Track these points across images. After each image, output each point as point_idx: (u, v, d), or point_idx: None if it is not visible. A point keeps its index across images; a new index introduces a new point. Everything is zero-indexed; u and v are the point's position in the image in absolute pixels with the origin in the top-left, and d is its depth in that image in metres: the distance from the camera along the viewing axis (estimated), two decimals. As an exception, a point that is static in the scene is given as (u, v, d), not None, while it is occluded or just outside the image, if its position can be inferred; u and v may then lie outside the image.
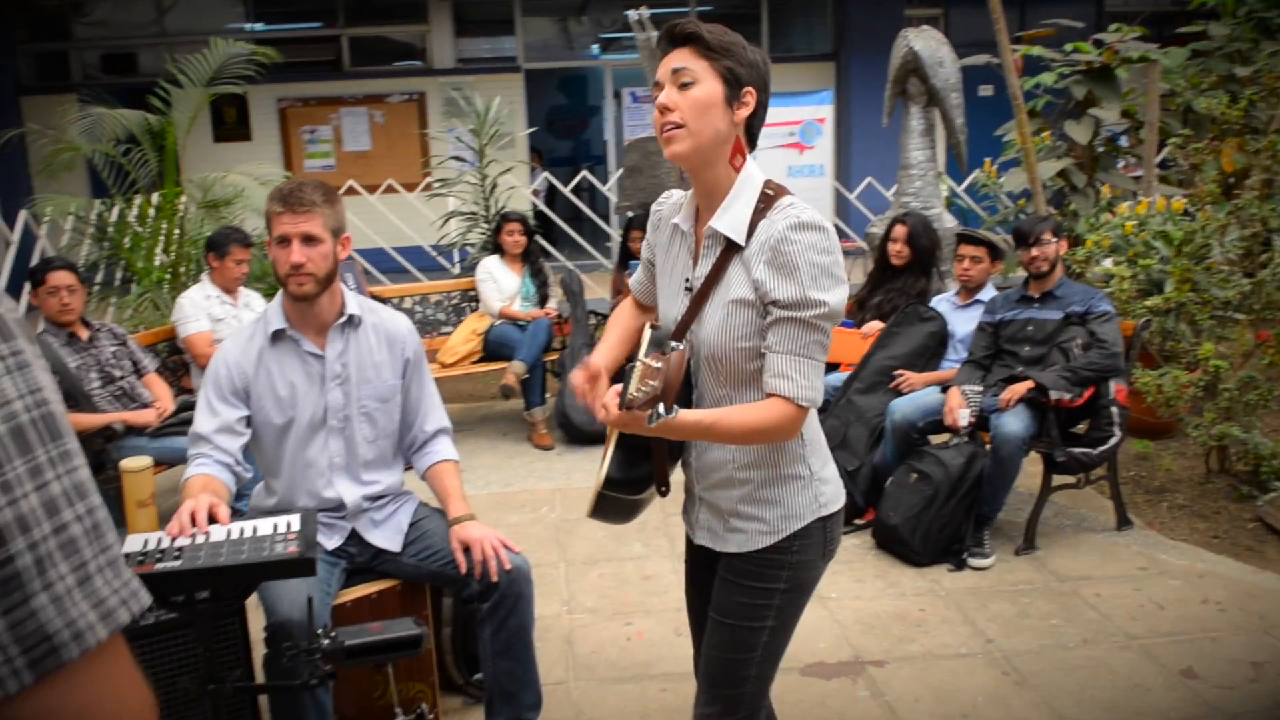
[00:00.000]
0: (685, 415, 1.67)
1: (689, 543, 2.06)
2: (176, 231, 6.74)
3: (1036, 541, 4.07)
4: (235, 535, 2.00)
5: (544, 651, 2.88)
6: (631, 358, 1.78)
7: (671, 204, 1.95)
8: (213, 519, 2.11)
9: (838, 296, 1.70)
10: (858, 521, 4.34)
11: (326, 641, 1.93)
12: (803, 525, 1.84)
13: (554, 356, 6.02)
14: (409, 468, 2.81)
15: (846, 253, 9.39)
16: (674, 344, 1.69)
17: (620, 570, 4.02)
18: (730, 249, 1.76)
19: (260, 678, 2.42)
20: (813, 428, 1.89)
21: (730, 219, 1.75)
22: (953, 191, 8.69)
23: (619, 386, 1.62)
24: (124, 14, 12.35)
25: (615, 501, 1.83)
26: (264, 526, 2.03)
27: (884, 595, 3.72)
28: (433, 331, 6.19)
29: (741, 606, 1.87)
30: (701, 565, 2.03)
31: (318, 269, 2.41)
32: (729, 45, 1.73)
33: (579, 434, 5.61)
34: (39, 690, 0.61)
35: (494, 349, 5.84)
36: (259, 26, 12.66)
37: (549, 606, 3.68)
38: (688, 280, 1.84)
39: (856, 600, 3.68)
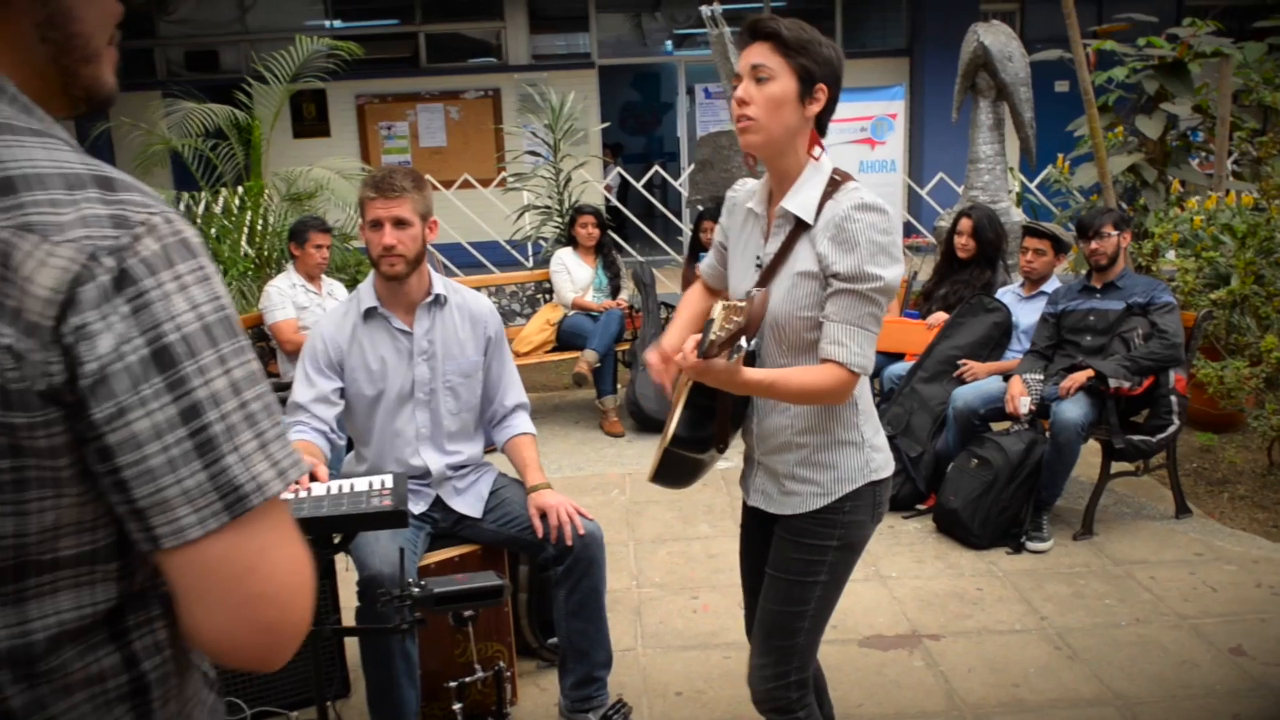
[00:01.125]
0: (750, 371, 1.82)
1: (745, 507, 2.22)
2: (261, 223, 7.06)
3: (1095, 527, 4.15)
4: (335, 491, 2.21)
5: (614, 621, 3.06)
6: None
7: (745, 190, 2.12)
8: (313, 478, 2.32)
9: (893, 273, 1.85)
10: (919, 507, 4.45)
11: (417, 590, 2.12)
12: (854, 488, 1.99)
13: (625, 347, 6.19)
14: (490, 449, 3.00)
15: (918, 248, 9.46)
16: (756, 289, 1.85)
17: (687, 549, 4.19)
18: (799, 227, 1.93)
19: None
20: (865, 398, 2.04)
21: (801, 200, 1.92)
22: (1024, 186, 8.66)
23: (698, 336, 1.78)
24: (207, 12, 12.80)
25: (680, 460, 1.98)
26: (360, 484, 2.23)
27: (943, 575, 3.83)
28: (508, 322, 6.40)
29: (796, 563, 2.03)
30: (755, 528, 2.20)
31: (408, 250, 2.62)
32: (805, 43, 1.87)
33: (649, 422, 5.78)
34: (232, 529, 0.79)
35: (567, 339, 6.04)
36: (338, 24, 13.05)
37: (619, 581, 3.85)
38: (758, 257, 2.00)
39: (916, 579, 3.80)
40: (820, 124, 1.94)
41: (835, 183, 1.92)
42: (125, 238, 0.75)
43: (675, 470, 2.01)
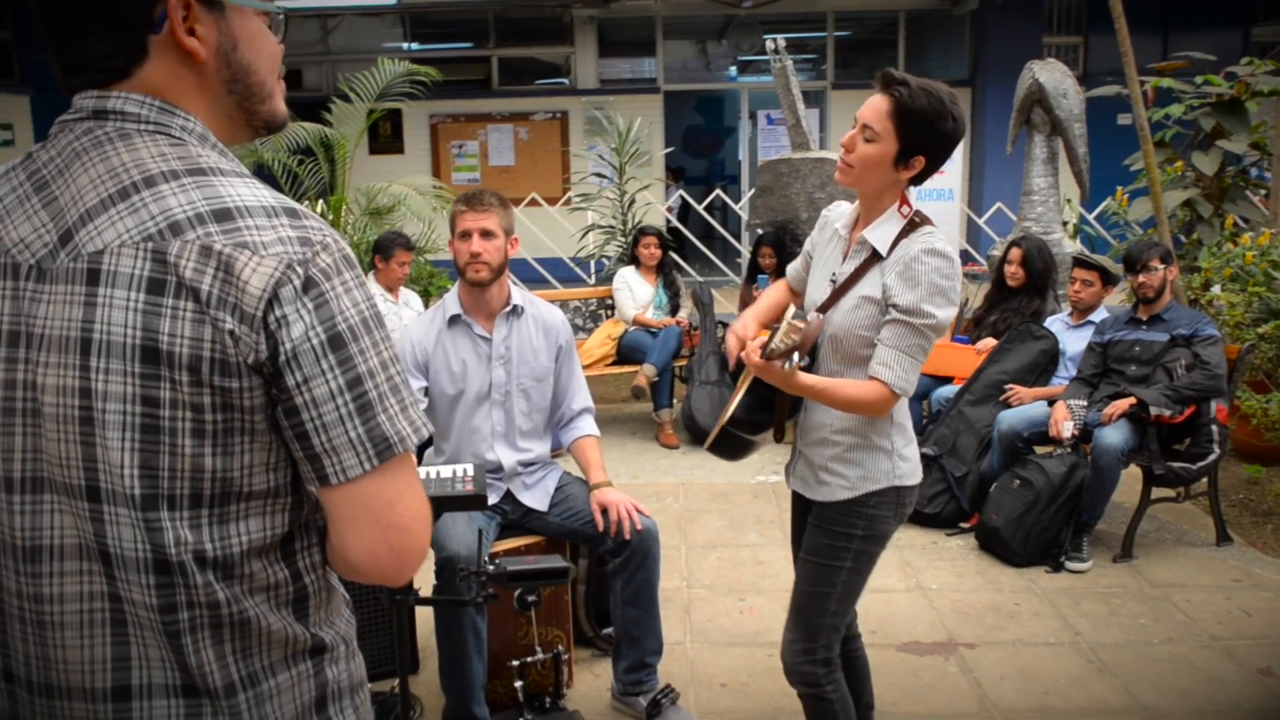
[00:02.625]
0: (804, 376, 2.08)
1: (792, 495, 2.46)
2: (342, 236, 7.40)
3: (1135, 551, 4.27)
4: (423, 476, 2.46)
5: (664, 618, 3.26)
6: (776, 323, 2.20)
7: (838, 212, 2.37)
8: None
9: (946, 314, 2.10)
10: (963, 525, 4.60)
11: (491, 567, 2.36)
12: (879, 488, 2.22)
13: (682, 363, 6.41)
14: (556, 453, 3.24)
15: (973, 276, 9.56)
16: (815, 314, 2.12)
17: (736, 555, 4.39)
18: (873, 257, 2.17)
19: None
20: (902, 413, 2.27)
21: (880, 234, 2.17)
22: (1082, 218, 8.75)
23: (764, 339, 2.04)
24: (292, 31, 13.23)
25: (734, 439, 2.25)
26: (445, 471, 2.48)
27: (982, 589, 3.99)
28: (570, 335, 6.65)
29: (825, 547, 2.26)
30: (800, 514, 2.45)
31: (492, 259, 2.89)
32: (923, 117, 2.06)
33: (703, 435, 5.95)
34: (380, 471, 1.04)
35: (627, 353, 6.28)
36: (415, 46, 13.52)
37: (670, 581, 4.06)
38: (834, 274, 2.24)
39: (955, 592, 3.96)
40: (916, 181, 2.17)
41: (914, 224, 2.16)
42: (308, 253, 1.01)
43: (729, 445, 2.28)
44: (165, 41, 1.04)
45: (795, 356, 1.95)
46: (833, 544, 2.25)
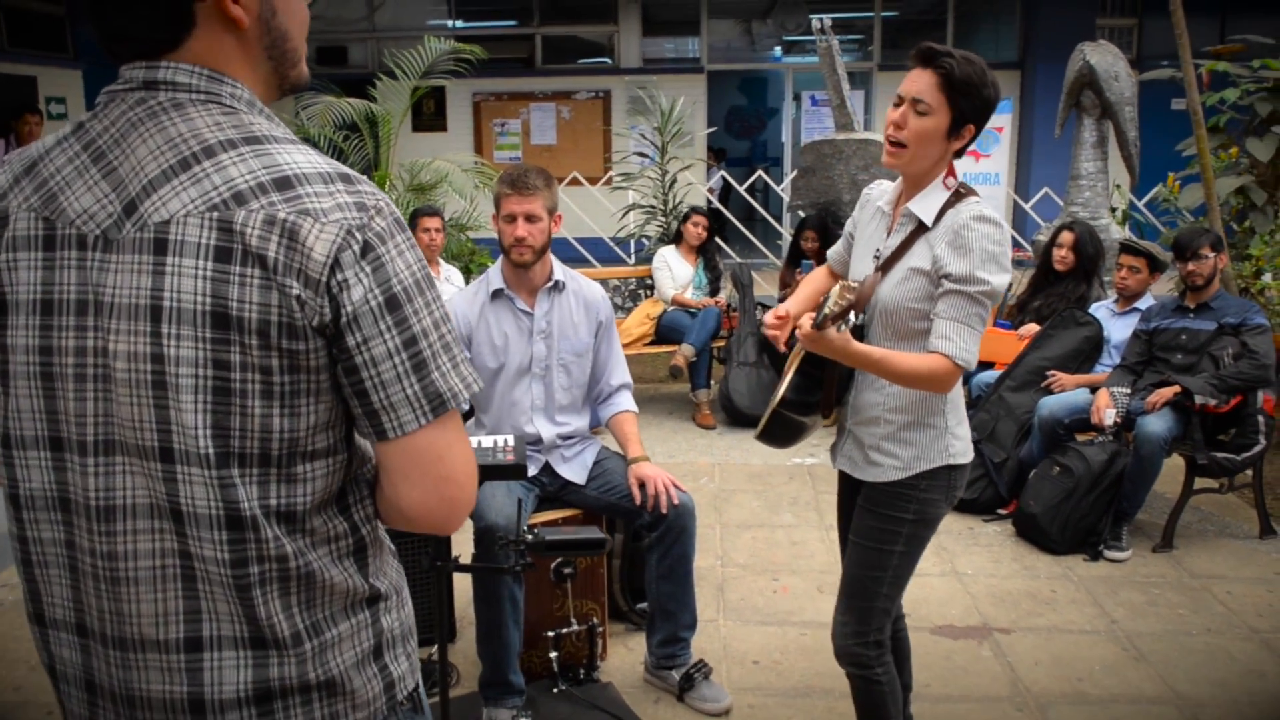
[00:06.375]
0: (862, 345, 2.05)
1: (839, 475, 2.44)
2: (386, 210, 7.48)
3: (1175, 542, 4.23)
4: (463, 447, 2.49)
5: (698, 595, 3.28)
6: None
7: (879, 190, 2.36)
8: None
9: (1000, 280, 2.07)
10: (1000, 511, 4.57)
11: (530, 536, 2.38)
12: (931, 468, 2.20)
13: (720, 344, 6.42)
14: (596, 430, 3.26)
15: (1018, 262, 9.44)
16: (871, 274, 2.10)
17: (771, 535, 4.40)
18: (919, 228, 2.15)
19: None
20: (956, 390, 2.24)
21: (925, 205, 2.15)
22: (1131, 204, 8.62)
23: (813, 313, 2.02)
24: (338, 9, 13.39)
25: (785, 421, 2.23)
26: (486, 441, 2.51)
27: (1018, 575, 3.97)
28: (610, 313, 6.67)
29: (875, 531, 2.25)
30: (847, 494, 2.43)
31: (536, 242, 2.91)
32: (971, 86, 2.07)
33: (740, 416, 6.00)
34: (433, 426, 1.08)
35: (665, 333, 6.29)
36: (459, 24, 13.54)
37: (705, 559, 4.08)
38: (878, 250, 2.23)
39: (991, 578, 3.95)
40: (958, 154, 2.16)
41: (959, 194, 2.15)
42: (365, 218, 1.04)
43: (780, 430, 2.26)
44: (210, 10, 1.07)
45: (851, 316, 1.94)
46: (884, 527, 2.24)
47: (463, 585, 3.49)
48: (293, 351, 1.02)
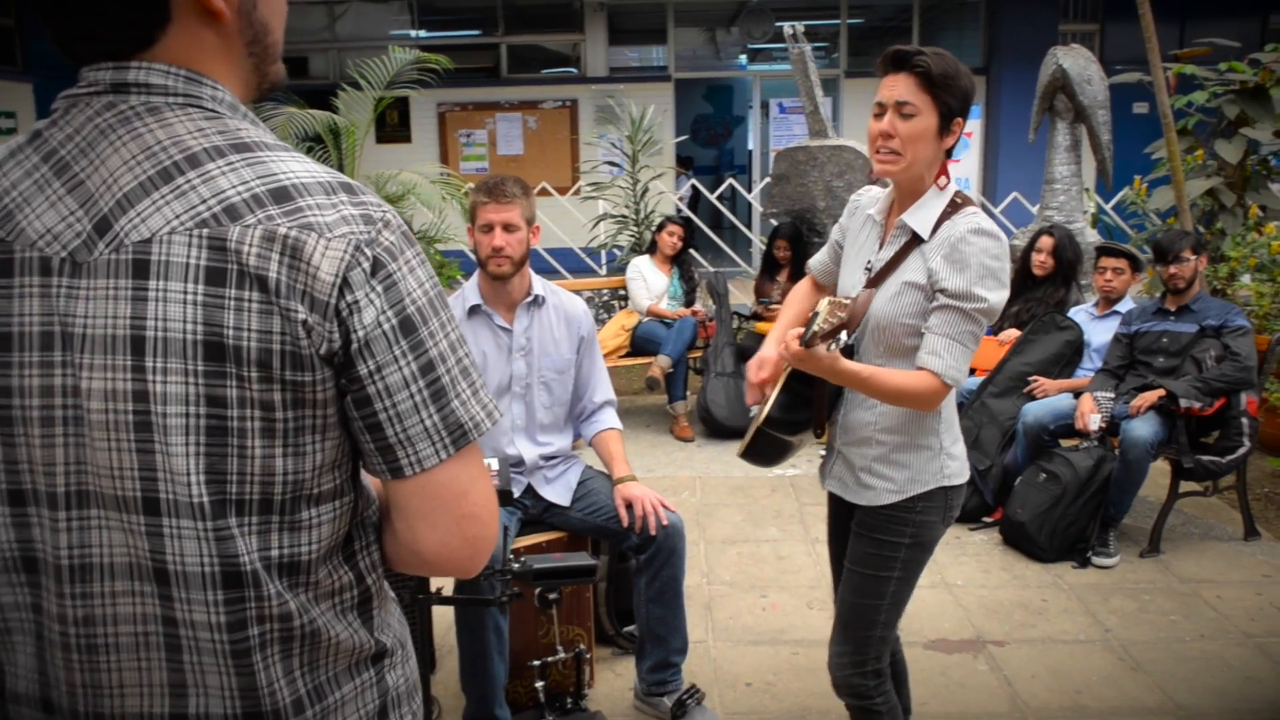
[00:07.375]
0: (850, 363, 1.96)
1: (829, 496, 2.35)
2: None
3: (1162, 546, 4.20)
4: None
5: (686, 614, 3.20)
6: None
7: (870, 197, 2.26)
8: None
9: (998, 297, 1.98)
10: (986, 519, 4.52)
11: (517, 565, 2.29)
12: (926, 490, 2.11)
13: (697, 354, 6.34)
14: (576, 443, 3.16)
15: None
16: (864, 289, 1.98)
17: (756, 550, 4.32)
18: (914, 240, 2.06)
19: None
20: (949, 408, 2.16)
21: (921, 216, 2.06)
22: (1100, 208, 8.64)
23: (800, 329, 1.92)
24: (298, 19, 13.20)
25: (770, 440, 2.13)
26: (468, 467, 2.41)
27: (1008, 585, 3.91)
28: (584, 325, 6.57)
29: (872, 558, 2.16)
30: (839, 518, 2.33)
31: (514, 252, 2.81)
32: (950, 79, 1.99)
33: (719, 428, 5.91)
34: (454, 460, 0.98)
35: (641, 344, 6.20)
36: (423, 34, 13.41)
37: (690, 578, 3.96)
38: (869, 262, 2.14)
39: (981, 589, 3.89)
40: (949, 152, 2.08)
41: (955, 205, 2.05)
42: (373, 232, 0.94)
43: (765, 449, 2.16)
44: (187, 3, 0.95)
45: (843, 336, 1.85)
46: (879, 553, 2.15)
47: (442, 611, 3.38)
48: (297, 383, 0.91)
